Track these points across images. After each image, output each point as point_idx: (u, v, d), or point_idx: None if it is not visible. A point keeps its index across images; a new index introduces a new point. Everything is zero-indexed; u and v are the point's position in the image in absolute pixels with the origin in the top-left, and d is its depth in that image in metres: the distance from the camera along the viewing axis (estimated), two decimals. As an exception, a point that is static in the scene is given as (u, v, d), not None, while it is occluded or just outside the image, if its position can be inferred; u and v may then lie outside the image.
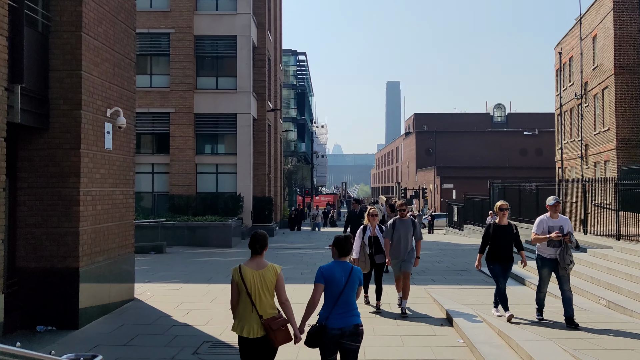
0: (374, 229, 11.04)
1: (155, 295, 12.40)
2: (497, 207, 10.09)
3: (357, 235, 11.04)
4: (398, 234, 10.63)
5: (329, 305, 5.61)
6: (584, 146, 37.99)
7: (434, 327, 9.70)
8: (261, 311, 5.49)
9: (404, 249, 10.66)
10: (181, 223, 24.53)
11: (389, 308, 11.14)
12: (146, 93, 28.64)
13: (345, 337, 5.53)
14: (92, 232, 9.99)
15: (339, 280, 5.63)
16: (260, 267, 5.59)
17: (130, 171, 11.75)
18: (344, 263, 5.77)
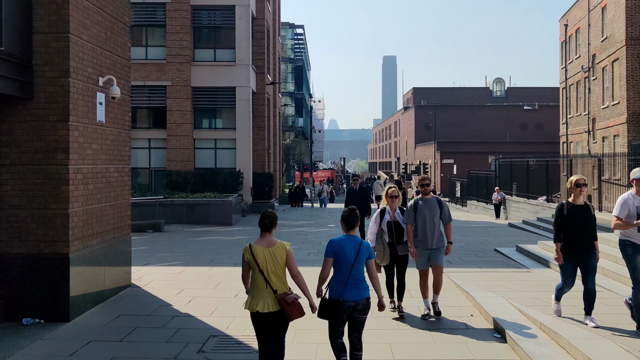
0: (394, 212, 8.90)
1: (154, 280, 11.47)
2: (572, 183, 7.89)
3: (372, 220, 8.98)
4: (422, 218, 8.56)
5: (342, 279, 5.85)
6: (591, 120, 37.01)
7: (485, 343, 7.71)
8: (275, 287, 5.67)
9: (431, 235, 8.58)
10: (180, 200, 23.57)
11: (416, 310, 8.99)
12: (142, 65, 27.45)
13: (357, 311, 5.85)
14: (84, 214, 9.01)
15: (349, 254, 5.87)
16: (270, 245, 5.76)
17: (125, 146, 10.74)
18: (353, 237, 5.99)
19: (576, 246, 7.82)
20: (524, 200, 29.27)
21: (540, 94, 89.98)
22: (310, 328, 8.00)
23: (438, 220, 8.68)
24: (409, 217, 8.69)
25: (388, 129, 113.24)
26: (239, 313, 8.94)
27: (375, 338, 7.74)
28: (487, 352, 7.21)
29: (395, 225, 8.86)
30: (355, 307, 5.83)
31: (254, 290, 5.73)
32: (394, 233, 8.82)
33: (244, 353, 7.25)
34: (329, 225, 23.30)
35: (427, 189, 8.86)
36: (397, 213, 8.94)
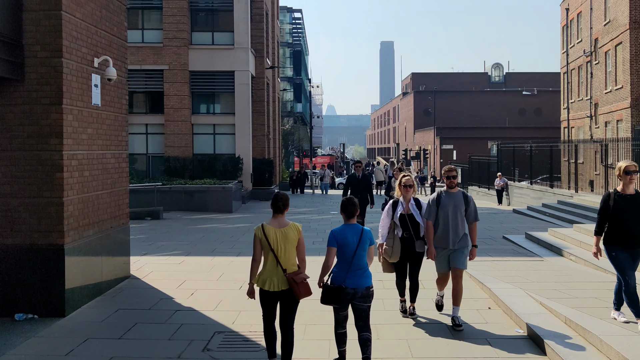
0: (408, 203, 7.84)
1: (154, 271, 11.00)
2: (620, 170, 7.02)
3: (384, 213, 7.96)
4: (444, 214, 7.52)
5: (344, 266, 5.95)
6: (593, 105, 36.48)
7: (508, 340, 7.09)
8: (285, 266, 5.77)
9: (454, 233, 7.49)
10: (178, 187, 23.05)
11: (430, 312, 8.12)
12: (138, 49, 26.78)
13: (356, 298, 5.91)
14: (79, 202, 8.51)
15: (352, 243, 5.94)
16: (282, 226, 5.88)
17: (122, 131, 10.21)
18: (354, 225, 6.06)
19: (625, 240, 6.93)
20: (527, 186, 28.84)
21: (539, 79, 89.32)
22: (320, 323, 7.55)
23: (462, 217, 7.57)
24: (430, 212, 7.62)
25: (387, 114, 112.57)
26: (244, 307, 8.50)
27: (389, 334, 7.31)
28: (511, 348, 6.77)
29: (410, 219, 7.78)
30: (355, 294, 5.90)
31: (265, 268, 5.85)
32: (410, 227, 7.77)
33: (253, 351, 6.80)
34: (331, 212, 22.85)
35: (454, 181, 7.65)
36: (412, 204, 7.83)
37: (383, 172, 34.59)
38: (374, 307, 6.35)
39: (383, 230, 7.94)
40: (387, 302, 8.64)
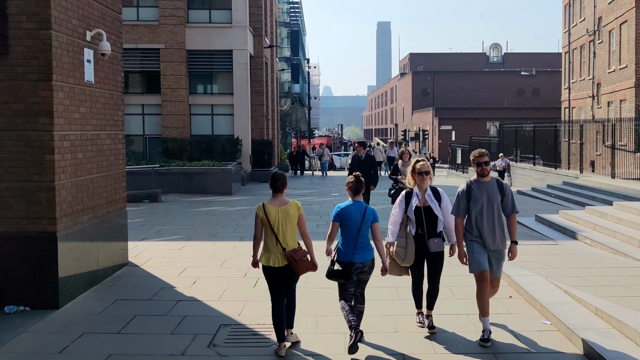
0: (424, 194, 6.59)
1: (153, 257, 10.47)
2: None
3: (396, 205, 6.74)
4: (478, 208, 6.27)
5: (351, 242, 6.16)
6: (595, 85, 35.89)
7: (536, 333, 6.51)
8: (284, 244, 5.99)
9: (490, 231, 6.28)
10: (176, 169, 22.45)
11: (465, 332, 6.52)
12: (133, 27, 25.95)
13: (363, 272, 6.22)
14: (73, 186, 7.95)
15: (356, 219, 6.15)
16: (282, 204, 6.07)
17: (118, 110, 9.61)
18: (359, 202, 6.28)
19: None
20: (529, 167, 28.32)
21: (537, 60, 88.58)
22: (332, 315, 7.05)
23: (499, 210, 6.33)
24: (459, 208, 6.40)
25: (384, 95, 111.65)
26: (251, 296, 8.02)
27: (409, 327, 6.82)
28: (542, 342, 6.27)
29: (427, 212, 6.50)
30: (363, 268, 6.20)
31: (266, 245, 6.09)
32: (424, 222, 6.49)
33: (262, 346, 6.30)
34: (332, 194, 22.30)
35: (487, 169, 6.32)
36: (429, 195, 6.57)
37: (382, 152, 33.86)
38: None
39: (394, 227, 6.61)
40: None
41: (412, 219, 6.56)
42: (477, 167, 6.35)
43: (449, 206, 6.59)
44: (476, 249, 6.29)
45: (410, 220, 6.59)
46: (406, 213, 6.60)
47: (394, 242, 6.59)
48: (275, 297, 6.09)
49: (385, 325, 6.91)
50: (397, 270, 6.70)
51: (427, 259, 6.63)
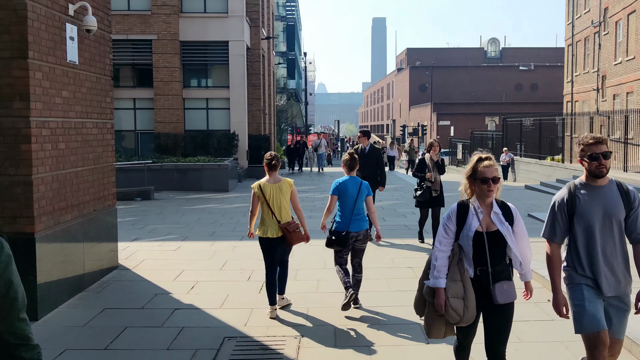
0: (490, 212, 4.14)
1: (146, 259, 9.52)
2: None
3: (441, 227, 4.25)
4: (586, 228, 4.11)
5: (347, 214, 6.73)
6: (600, 77, 35.07)
7: None
8: (279, 217, 6.58)
9: (607, 266, 4.12)
10: (170, 165, 21.46)
11: None
12: (124, 17, 24.94)
13: (358, 240, 6.75)
14: (54, 181, 6.99)
15: (352, 193, 6.74)
16: (276, 182, 6.68)
17: (106, 96, 8.65)
18: (354, 177, 6.90)
19: None
20: (535, 161, 27.47)
21: (535, 55, 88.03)
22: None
23: (621, 231, 4.13)
24: (555, 227, 4.17)
25: (380, 91, 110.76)
26: (257, 303, 7.10)
27: None
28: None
29: (493, 241, 4.05)
30: (357, 237, 6.74)
31: (263, 219, 6.68)
32: (489, 257, 4.04)
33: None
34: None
35: (606, 164, 4.07)
36: (497, 214, 4.10)
37: (378, 143, 32.79)
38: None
39: (441, 262, 4.14)
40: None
41: (469, 250, 4.08)
42: (590, 162, 4.08)
43: (524, 233, 4.17)
44: (587, 296, 4.07)
45: (464, 252, 4.13)
46: (458, 241, 4.16)
47: (442, 287, 4.10)
48: (269, 267, 6.69)
49: None
50: (440, 328, 4.29)
51: (488, 314, 4.15)
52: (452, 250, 4.16)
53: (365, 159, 10.74)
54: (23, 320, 2.32)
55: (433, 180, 10.28)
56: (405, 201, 17.70)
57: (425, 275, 4.26)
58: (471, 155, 4.21)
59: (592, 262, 4.11)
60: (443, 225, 4.19)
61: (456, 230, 4.14)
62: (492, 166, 4.07)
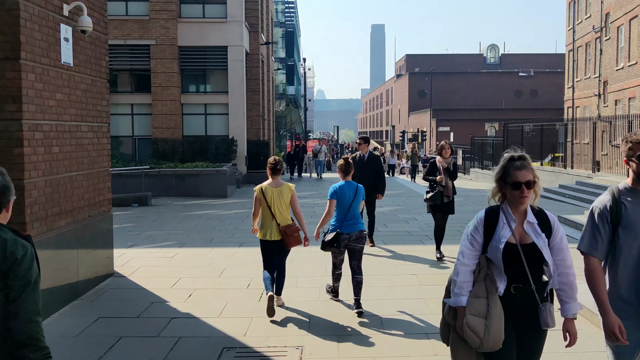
0: (524, 220, 3.48)
1: (142, 266, 9.29)
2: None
3: (467, 236, 3.59)
4: (632, 241, 3.42)
5: (340, 217, 6.90)
6: (602, 83, 34.96)
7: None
8: (279, 220, 6.79)
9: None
10: (168, 170, 21.24)
11: None
12: (122, 22, 24.80)
13: (351, 241, 6.87)
14: (47, 186, 6.78)
15: (348, 197, 6.92)
16: (278, 186, 6.89)
17: (102, 99, 8.45)
18: (350, 182, 7.08)
19: None
20: (537, 167, 27.32)
21: (535, 61, 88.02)
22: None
23: None
24: (595, 239, 3.50)
25: (379, 97, 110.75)
26: (256, 311, 6.87)
27: None
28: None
29: (529, 253, 3.41)
30: (350, 238, 6.87)
31: (263, 222, 6.88)
32: (528, 271, 3.39)
33: (275, 378, 5.15)
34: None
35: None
36: (531, 223, 3.47)
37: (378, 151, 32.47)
38: None
39: (463, 277, 3.52)
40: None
41: (499, 265, 3.41)
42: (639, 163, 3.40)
43: (564, 248, 3.50)
44: (629, 334, 3.34)
45: (494, 267, 3.46)
46: (486, 252, 3.49)
47: (463, 306, 3.48)
48: (266, 266, 6.93)
49: None
50: (467, 358, 3.60)
51: (523, 340, 3.51)
52: (477, 264, 3.52)
53: (365, 166, 10.41)
54: (35, 322, 2.49)
55: (444, 184, 9.57)
56: (407, 207, 17.48)
57: (447, 294, 3.68)
58: (501, 155, 3.56)
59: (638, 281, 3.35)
60: (468, 236, 3.56)
61: (483, 242, 3.51)
62: (525, 168, 3.41)
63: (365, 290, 7.14)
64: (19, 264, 2.48)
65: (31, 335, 2.45)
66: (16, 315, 2.45)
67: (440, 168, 9.65)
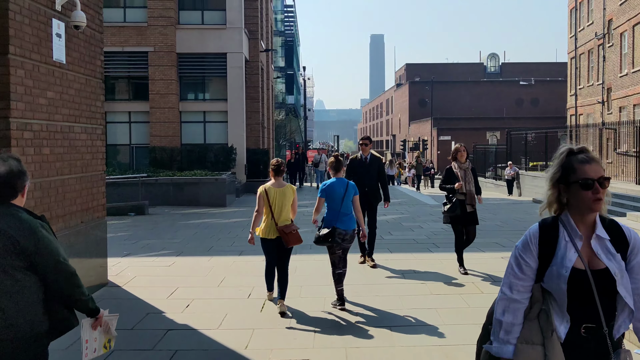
0: (591, 235, 2.55)
1: (138, 276, 8.88)
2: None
3: (511, 265, 2.65)
4: None
5: (334, 214, 7.09)
6: (605, 90, 34.66)
7: None
8: (277, 220, 6.96)
9: None
10: (166, 179, 20.84)
11: None
12: (119, 29, 24.51)
13: (345, 240, 7.10)
14: (37, 189, 6.39)
15: (339, 193, 7.12)
16: (280, 186, 7.10)
17: (97, 100, 8.07)
18: (341, 179, 7.29)
19: None
20: (542, 175, 26.95)
21: (535, 70, 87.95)
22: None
23: None
24: None
25: (379, 107, 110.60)
26: (258, 323, 6.47)
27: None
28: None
29: (601, 282, 2.46)
30: (345, 235, 7.04)
31: (265, 222, 6.99)
32: (600, 309, 2.46)
33: (279, 396, 4.73)
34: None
35: None
36: (602, 240, 2.53)
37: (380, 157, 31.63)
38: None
39: (512, 317, 2.63)
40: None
41: (561, 299, 2.52)
42: None
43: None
44: None
45: (553, 301, 2.57)
46: (542, 282, 2.60)
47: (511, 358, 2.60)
48: (268, 263, 7.14)
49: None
50: None
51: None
52: (530, 298, 2.62)
53: (366, 169, 9.55)
54: (73, 280, 3.04)
55: (465, 191, 8.71)
56: (411, 215, 17.07)
57: (486, 334, 2.76)
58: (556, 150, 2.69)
59: None
60: (516, 259, 2.63)
61: (538, 267, 2.59)
62: (595, 160, 2.56)
63: (374, 300, 6.76)
64: (41, 239, 2.80)
65: (74, 292, 3.01)
66: (56, 282, 2.89)
67: (458, 175, 8.81)
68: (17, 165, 2.89)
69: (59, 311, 3.01)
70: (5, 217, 2.84)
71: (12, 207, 2.90)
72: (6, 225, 2.80)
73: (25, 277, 2.83)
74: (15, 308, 2.82)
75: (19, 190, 2.94)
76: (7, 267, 2.80)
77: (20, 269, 2.81)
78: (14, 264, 2.80)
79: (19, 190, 2.94)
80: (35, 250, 2.78)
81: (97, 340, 3.59)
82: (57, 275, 2.87)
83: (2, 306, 2.80)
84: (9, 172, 2.90)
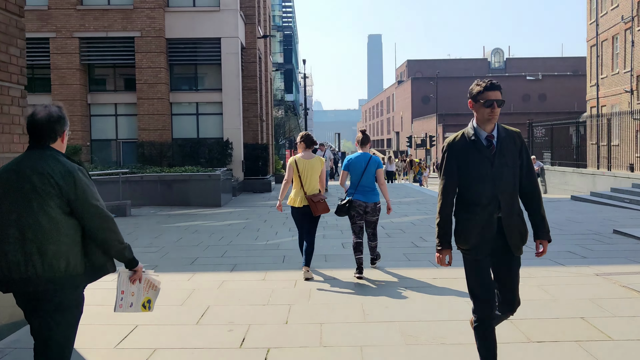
0: None
1: (89, 304, 6.22)
2: None
3: None
4: None
5: (354, 185, 7.42)
6: (634, 78, 32.02)
7: None
8: (306, 189, 7.35)
9: None
10: (152, 175, 18.21)
11: None
12: (103, 13, 21.93)
13: (367, 212, 7.36)
14: None
15: (360, 166, 7.38)
16: (309, 158, 7.50)
17: (10, 45, 5.43)
18: (365, 153, 7.53)
19: None
20: (572, 170, 24.34)
21: (540, 65, 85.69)
22: None
23: None
24: None
25: (380, 105, 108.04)
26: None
27: None
28: None
29: None
30: (366, 208, 7.34)
31: (294, 190, 7.48)
32: None
33: None
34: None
35: None
36: None
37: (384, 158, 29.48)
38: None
39: None
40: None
41: None
42: None
43: None
44: None
45: None
46: None
47: None
48: (299, 231, 7.66)
49: None
50: None
51: None
52: None
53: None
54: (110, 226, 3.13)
55: None
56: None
57: None
58: None
59: None
60: None
61: None
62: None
63: (409, 305, 4.14)
64: (79, 182, 2.95)
65: (109, 236, 3.10)
66: (92, 225, 3.02)
67: None
68: (57, 111, 3.01)
69: (96, 255, 3.10)
70: (47, 159, 2.97)
71: (53, 151, 3.02)
72: (48, 167, 2.93)
73: (64, 219, 2.95)
74: (54, 249, 2.92)
75: (59, 134, 3.04)
76: (47, 208, 2.91)
77: (59, 210, 2.93)
78: (54, 205, 2.92)
79: (59, 135, 3.04)
80: (74, 193, 2.91)
81: (134, 295, 3.41)
82: (93, 218, 2.98)
83: (41, 246, 2.90)
84: (49, 116, 2.99)
